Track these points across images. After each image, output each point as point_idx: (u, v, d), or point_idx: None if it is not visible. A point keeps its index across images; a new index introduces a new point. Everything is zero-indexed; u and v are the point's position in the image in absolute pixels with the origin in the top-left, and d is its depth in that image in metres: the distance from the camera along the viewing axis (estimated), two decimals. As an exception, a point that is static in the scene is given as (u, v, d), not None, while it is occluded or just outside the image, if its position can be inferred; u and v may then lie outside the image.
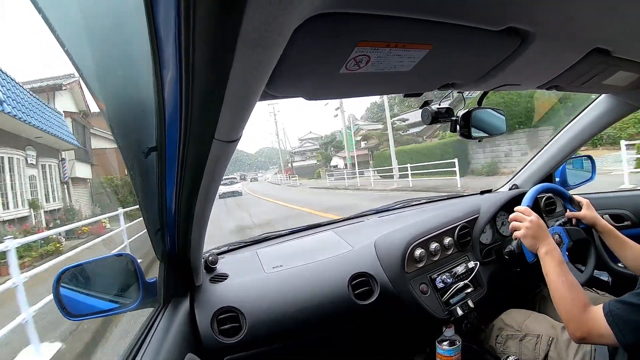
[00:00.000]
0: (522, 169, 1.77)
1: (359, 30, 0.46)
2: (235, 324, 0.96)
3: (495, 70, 0.73)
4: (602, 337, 0.78)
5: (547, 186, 1.27)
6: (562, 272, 0.91)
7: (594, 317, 0.80)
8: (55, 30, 0.38)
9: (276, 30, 0.35)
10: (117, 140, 0.52)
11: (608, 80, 0.99)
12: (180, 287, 0.97)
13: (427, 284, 1.19)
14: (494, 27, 0.55)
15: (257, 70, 0.40)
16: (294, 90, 0.61)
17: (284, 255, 1.29)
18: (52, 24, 0.38)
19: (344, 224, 1.59)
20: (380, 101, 32.04)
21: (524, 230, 1.02)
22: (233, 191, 21.60)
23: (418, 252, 1.19)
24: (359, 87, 0.69)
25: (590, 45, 0.72)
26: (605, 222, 1.14)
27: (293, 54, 0.45)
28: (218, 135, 0.48)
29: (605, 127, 1.43)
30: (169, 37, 0.32)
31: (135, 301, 0.88)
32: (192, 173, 0.57)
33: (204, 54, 0.34)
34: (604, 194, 1.69)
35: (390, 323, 1.21)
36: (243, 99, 0.44)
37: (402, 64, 0.58)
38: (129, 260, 0.89)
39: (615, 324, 0.76)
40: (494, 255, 1.35)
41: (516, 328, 1.18)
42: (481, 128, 1.03)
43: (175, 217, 0.71)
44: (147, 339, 0.76)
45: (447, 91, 0.85)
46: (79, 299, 0.84)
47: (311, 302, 1.06)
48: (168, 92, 0.40)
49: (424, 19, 0.48)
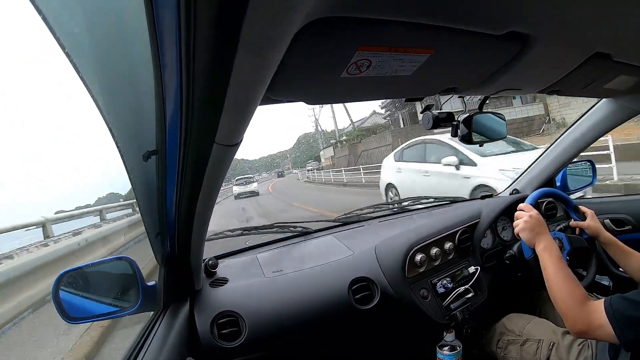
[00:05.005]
0: (522, 173, 1.76)
1: (359, 34, 0.46)
2: (235, 329, 0.96)
3: (497, 75, 0.73)
4: (601, 331, 0.78)
5: (554, 192, 1.28)
6: (560, 267, 0.91)
7: (594, 310, 0.80)
8: (56, 33, 0.39)
9: (277, 34, 0.35)
10: (117, 143, 0.52)
11: (609, 84, 0.99)
12: (180, 291, 0.96)
13: (428, 288, 1.18)
14: (495, 31, 0.55)
15: (258, 75, 0.40)
16: (295, 94, 0.62)
17: (284, 259, 1.28)
18: (53, 27, 0.38)
19: (344, 229, 1.58)
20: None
21: (522, 224, 1.03)
22: (251, 191, 20.56)
23: (419, 257, 1.19)
24: (360, 92, 0.69)
25: (591, 50, 0.72)
26: (609, 233, 1.14)
27: (294, 59, 0.45)
28: (219, 139, 0.48)
29: (605, 132, 1.43)
30: (170, 41, 0.32)
31: (134, 305, 0.87)
32: (192, 177, 0.56)
33: (205, 59, 0.34)
34: (605, 199, 1.69)
35: (391, 328, 1.20)
36: (244, 103, 0.44)
37: (404, 69, 0.58)
38: (128, 263, 0.89)
39: (615, 319, 0.76)
40: (495, 260, 1.35)
41: (517, 333, 1.18)
42: (482, 133, 1.03)
43: (176, 220, 0.71)
44: (146, 343, 0.76)
45: (448, 95, 0.85)
46: (78, 303, 0.84)
47: (311, 306, 1.05)
48: (168, 96, 0.40)
49: (425, 24, 0.48)
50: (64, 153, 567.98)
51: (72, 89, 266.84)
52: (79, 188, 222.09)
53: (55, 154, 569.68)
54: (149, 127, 0.49)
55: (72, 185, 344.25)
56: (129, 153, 0.55)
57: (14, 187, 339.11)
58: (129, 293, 0.90)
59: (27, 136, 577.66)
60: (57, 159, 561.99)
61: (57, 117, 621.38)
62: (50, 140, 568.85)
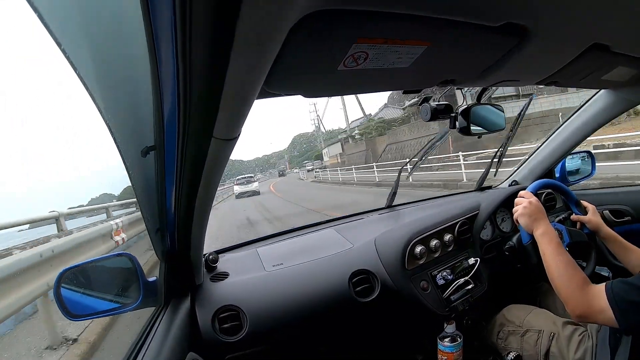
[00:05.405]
0: (521, 164, 1.77)
1: (356, 27, 0.46)
2: (236, 323, 0.97)
3: (495, 67, 0.72)
4: (602, 315, 0.78)
5: (555, 183, 1.28)
6: (560, 252, 0.92)
7: (595, 295, 0.80)
8: (52, 30, 0.38)
9: (273, 28, 0.35)
10: (115, 140, 0.52)
11: (607, 75, 0.98)
12: (181, 286, 0.97)
13: (428, 280, 1.19)
14: (492, 23, 0.55)
15: (255, 69, 0.40)
16: (292, 87, 0.61)
17: (284, 253, 1.29)
18: (49, 24, 0.38)
19: (344, 222, 1.59)
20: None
21: (521, 209, 1.04)
22: (252, 191, 20.46)
23: (418, 249, 1.19)
24: (358, 84, 0.68)
25: (589, 41, 0.71)
26: (609, 229, 1.14)
27: (291, 52, 0.45)
28: (217, 134, 0.48)
29: (604, 123, 1.43)
30: (166, 37, 0.32)
31: (136, 301, 0.87)
32: (191, 172, 0.57)
33: (201, 53, 0.34)
34: (604, 190, 1.69)
35: (391, 320, 1.21)
36: (241, 97, 0.44)
37: (401, 61, 0.58)
38: (129, 259, 0.89)
39: (616, 303, 0.76)
40: (495, 251, 1.35)
41: (517, 324, 1.18)
42: (480, 124, 1.03)
43: (175, 216, 0.71)
44: (148, 338, 0.76)
45: (447, 87, 0.85)
46: (79, 300, 0.84)
47: (312, 299, 1.06)
48: (166, 92, 0.40)
49: (422, 15, 0.48)
50: (64, 152, 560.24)
51: (70, 87, 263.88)
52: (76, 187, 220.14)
53: (54, 152, 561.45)
54: (146, 123, 0.49)
55: (69, 184, 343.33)
56: (127, 149, 0.55)
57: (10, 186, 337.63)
58: (130, 289, 0.90)
59: (26, 136, 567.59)
60: (57, 158, 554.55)
61: (55, 116, 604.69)
62: (50, 139, 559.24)
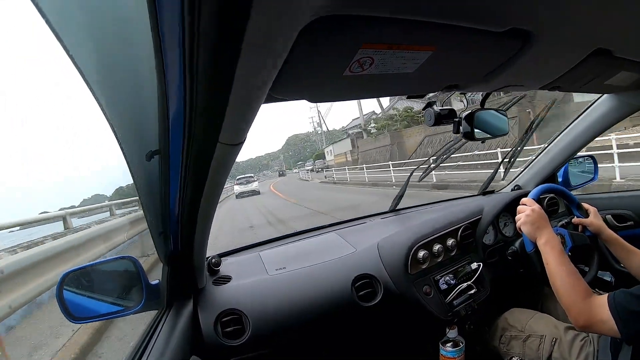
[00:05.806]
0: (524, 169, 1.76)
1: (362, 32, 0.46)
2: (238, 326, 0.96)
3: (499, 72, 0.72)
4: (604, 325, 0.78)
5: (557, 188, 1.27)
6: (563, 261, 0.91)
7: (597, 305, 0.80)
8: (59, 34, 0.38)
9: (280, 33, 0.35)
10: (119, 143, 0.52)
11: (610, 80, 0.98)
12: (184, 290, 0.97)
13: (431, 285, 1.18)
14: (497, 28, 0.55)
15: (262, 74, 0.40)
16: (298, 92, 0.61)
17: (287, 257, 1.29)
18: (55, 28, 0.38)
19: (346, 226, 1.59)
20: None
21: (524, 217, 1.03)
22: (252, 190, 20.67)
23: (421, 254, 1.19)
24: (363, 89, 0.68)
25: (592, 46, 0.72)
26: (612, 231, 1.14)
27: (297, 57, 0.45)
28: (222, 139, 0.48)
29: (607, 128, 1.43)
30: (173, 41, 0.32)
31: (138, 304, 0.87)
32: (195, 176, 0.56)
33: (208, 58, 0.34)
34: (606, 194, 1.68)
35: (394, 324, 1.20)
36: (247, 102, 0.44)
37: (406, 66, 0.58)
38: (131, 262, 0.89)
39: (618, 314, 0.76)
40: (497, 256, 1.35)
41: (519, 328, 1.18)
42: (484, 129, 1.02)
43: (179, 219, 0.71)
44: (151, 342, 0.76)
45: (451, 92, 0.85)
46: (82, 302, 0.84)
47: (314, 303, 1.06)
48: (171, 96, 0.40)
49: (427, 21, 0.48)
50: (65, 153, 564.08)
51: (74, 90, 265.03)
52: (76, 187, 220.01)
53: (56, 154, 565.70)
54: (151, 127, 0.49)
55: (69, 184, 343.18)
56: (131, 153, 0.55)
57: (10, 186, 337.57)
58: (132, 292, 0.90)
59: (27, 136, 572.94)
60: (58, 160, 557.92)
61: (59, 117, 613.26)
62: (51, 141, 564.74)
